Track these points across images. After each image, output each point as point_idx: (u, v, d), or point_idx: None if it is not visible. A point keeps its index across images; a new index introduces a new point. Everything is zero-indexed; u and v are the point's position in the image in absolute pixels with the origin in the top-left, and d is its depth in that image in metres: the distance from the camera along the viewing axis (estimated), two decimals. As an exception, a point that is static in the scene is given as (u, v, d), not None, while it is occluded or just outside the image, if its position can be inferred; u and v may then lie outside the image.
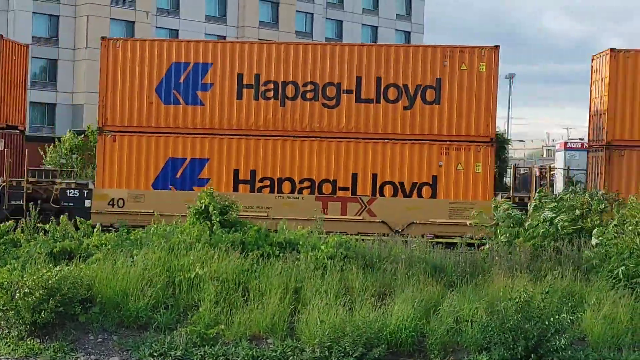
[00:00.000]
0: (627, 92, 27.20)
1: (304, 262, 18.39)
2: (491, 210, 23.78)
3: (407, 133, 27.07)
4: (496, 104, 26.87)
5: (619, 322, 16.98)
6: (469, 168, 26.76)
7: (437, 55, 27.04)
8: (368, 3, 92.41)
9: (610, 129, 27.11)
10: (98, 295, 17.53)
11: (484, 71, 26.89)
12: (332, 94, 27.31)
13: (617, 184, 26.61)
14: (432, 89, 26.98)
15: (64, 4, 73.76)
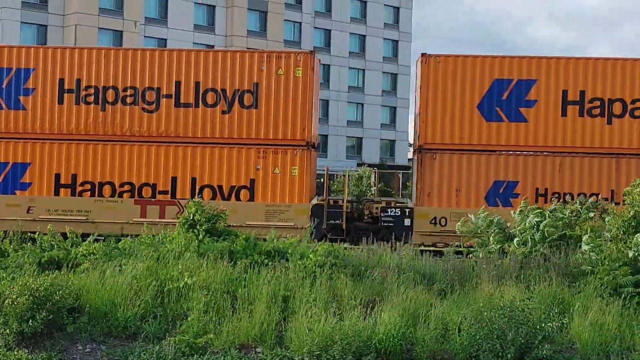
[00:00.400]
0: (438, 97, 27.46)
1: (292, 271, 18.39)
2: (308, 213, 25.09)
3: (226, 137, 27.60)
4: (311, 108, 27.43)
5: (607, 329, 17.02)
6: (286, 171, 27.31)
7: (254, 60, 27.57)
8: (356, 12, 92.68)
9: (422, 132, 27.49)
10: (86, 304, 17.48)
11: (299, 76, 27.36)
12: (151, 99, 27.73)
13: (429, 186, 27.12)
14: (250, 94, 27.52)
15: (52, 13, 73.72)
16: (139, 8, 76.78)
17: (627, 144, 27.04)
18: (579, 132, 27.19)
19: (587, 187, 26.91)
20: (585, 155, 27.15)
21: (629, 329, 17.19)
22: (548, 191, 27.01)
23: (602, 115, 27.12)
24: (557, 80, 27.33)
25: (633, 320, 17.38)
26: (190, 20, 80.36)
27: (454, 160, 27.28)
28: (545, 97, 27.31)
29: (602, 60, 27.48)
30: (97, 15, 74.21)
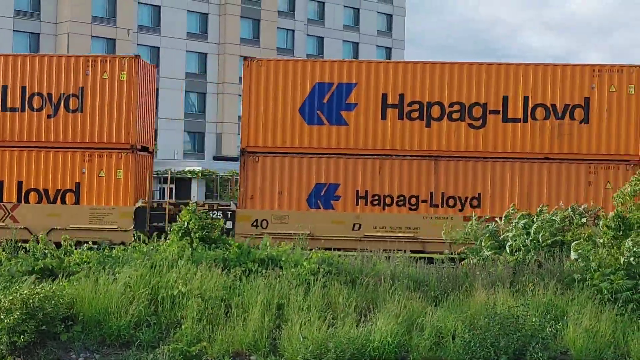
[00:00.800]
0: (261, 100, 27.67)
1: (286, 279, 18.37)
2: (132, 216, 26.01)
3: (52, 141, 27.61)
4: (136, 111, 27.52)
5: (602, 335, 17.03)
6: (111, 174, 27.36)
7: (79, 65, 27.71)
8: (349, 19, 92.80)
9: (244, 136, 27.63)
10: (80, 313, 17.44)
11: (124, 79, 27.49)
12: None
13: (252, 189, 27.25)
14: (75, 97, 27.57)
15: (44, 21, 73.72)
16: (132, 16, 76.80)
17: (445, 146, 27.26)
18: (399, 135, 27.39)
19: (407, 189, 27.12)
20: (404, 158, 27.33)
21: (624, 335, 17.20)
22: (368, 193, 27.16)
23: (421, 118, 27.36)
24: (376, 84, 27.52)
25: (627, 326, 17.39)
26: (183, 28, 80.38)
27: (276, 163, 27.33)
28: (365, 101, 27.48)
29: (420, 63, 27.86)
30: (89, 24, 74.20)
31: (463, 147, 27.16)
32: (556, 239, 20.98)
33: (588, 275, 18.80)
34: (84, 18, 73.82)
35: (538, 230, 21.25)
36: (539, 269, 19.44)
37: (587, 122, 27.04)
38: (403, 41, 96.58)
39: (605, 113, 27.03)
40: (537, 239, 20.98)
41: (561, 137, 27.12)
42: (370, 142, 27.38)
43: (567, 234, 21.37)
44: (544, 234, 21.00)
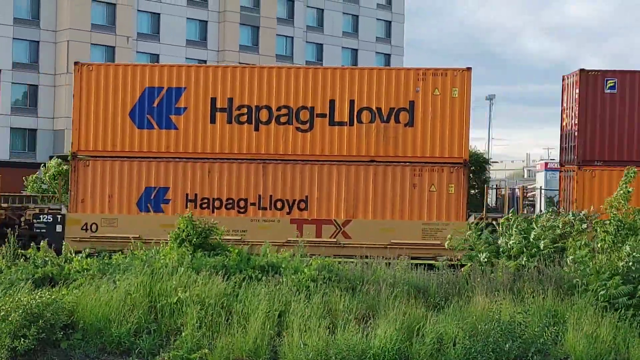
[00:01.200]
0: (91, 105, 27.92)
1: (286, 286, 18.36)
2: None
3: None
4: None
5: (602, 341, 17.02)
6: None
7: None
8: (348, 26, 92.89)
9: (75, 140, 27.87)
10: (80, 320, 17.42)
11: None
12: None
13: (82, 192, 27.52)
14: None
15: (44, 29, 73.79)
16: (131, 24, 76.89)
17: (273, 150, 27.63)
18: (228, 139, 27.73)
19: (236, 192, 27.57)
20: (233, 161, 27.68)
21: (624, 341, 17.18)
22: (198, 197, 27.56)
23: (250, 122, 27.73)
24: (205, 88, 27.86)
25: (628, 332, 17.36)
26: (182, 36, 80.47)
27: (107, 167, 27.57)
28: (194, 105, 27.79)
29: (248, 68, 28.44)
30: (89, 31, 74.26)
31: (291, 151, 27.69)
32: (557, 245, 20.98)
33: (585, 281, 18.80)
34: (84, 26, 73.89)
35: (538, 237, 21.23)
36: (538, 275, 19.43)
37: (412, 125, 27.64)
38: (402, 47, 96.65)
39: (430, 116, 27.61)
40: (537, 245, 20.96)
41: (387, 140, 27.65)
42: (199, 146, 27.83)
43: (568, 240, 21.36)
44: (545, 241, 20.99)
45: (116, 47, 75.46)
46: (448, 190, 27.35)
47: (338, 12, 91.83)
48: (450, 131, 27.52)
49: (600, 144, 27.72)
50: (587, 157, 27.70)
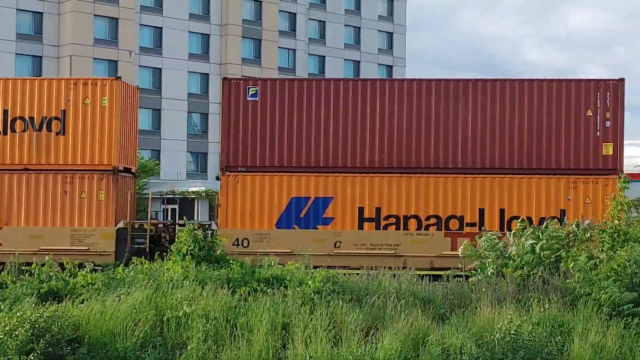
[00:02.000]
0: None
1: (291, 298, 18.35)
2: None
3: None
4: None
5: (608, 351, 16.98)
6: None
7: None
8: (350, 38, 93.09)
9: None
10: (85, 335, 17.43)
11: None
12: None
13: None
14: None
15: (47, 44, 74.03)
16: (134, 38, 77.10)
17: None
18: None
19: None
20: None
21: (630, 350, 17.15)
22: None
23: None
24: None
25: (634, 342, 17.33)
26: (184, 49, 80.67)
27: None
28: None
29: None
30: (91, 46, 74.49)
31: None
32: (559, 254, 20.97)
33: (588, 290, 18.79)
34: (86, 40, 74.13)
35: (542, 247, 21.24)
36: (543, 285, 19.42)
37: (64, 134, 28.22)
38: (404, 59, 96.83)
39: (80, 125, 28.22)
40: (540, 255, 20.97)
41: (39, 148, 28.32)
42: None
43: (572, 250, 21.35)
44: (547, 251, 20.99)
45: (119, 61, 75.66)
46: (98, 197, 28.02)
47: (340, 24, 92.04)
48: (100, 139, 28.19)
49: (243, 150, 28.13)
50: (230, 164, 28.08)
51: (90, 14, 74.55)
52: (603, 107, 27.54)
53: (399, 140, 27.99)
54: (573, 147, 27.66)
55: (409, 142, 28.00)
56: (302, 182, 27.90)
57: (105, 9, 75.20)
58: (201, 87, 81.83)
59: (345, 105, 28.14)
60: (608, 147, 27.45)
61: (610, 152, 27.41)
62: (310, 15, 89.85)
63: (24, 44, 73.05)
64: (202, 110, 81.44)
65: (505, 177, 27.71)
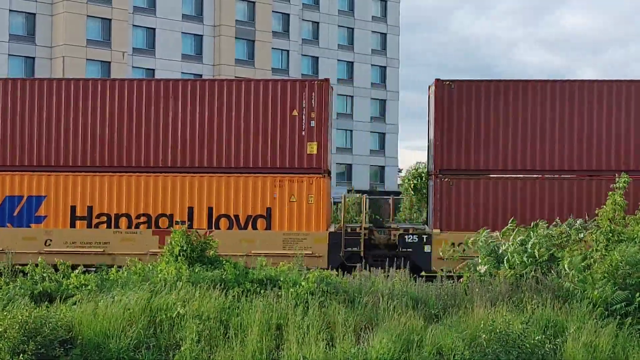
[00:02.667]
0: None
1: (285, 299, 18.35)
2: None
3: None
4: None
5: (601, 351, 17.01)
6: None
7: None
8: (343, 39, 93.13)
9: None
10: (79, 336, 17.40)
11: None
12: None
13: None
14: None
15: (39, 45, 73.92)
16: (127, 39, 77.03)
17: None
18: None
19: None
20: None
21: (623, 350, 17.18)
22: None
23: None
24: None
25: (627, 341, 17.37)
26: (178, 50, 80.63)
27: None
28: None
29: None
30: (84, 47, 74.39)
31: None
32: (552, 252, 21.00)
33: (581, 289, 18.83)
34: (79, 41, 74.03)
35: (535, 246, 21.27)
36: (536, 285, 19.44)
37: None
38: (397, 59, 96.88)
39: None
40: (533, 254, 21.00)
41: None
42: None
43: (565, 250, 21.37)
44: (540, 250, 21.02)
45: (112, 62, 75.58)
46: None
47: (333, 25, 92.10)
48: None
49: None
50: None
51: (83, 15, 74.46)
52: (309, 107, 27.99)
53: (110, 139, 28.52)
54: (279, 146, 28.19)
55: (120, 142, 28.53)
56: (16, 180, 28.45)
57: (98, 10, 75.12)
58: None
59: (59, 104, 28.74)
60: (312, 147, 27.96)
61: (314, 151, 27.92)
62: (303, 16, 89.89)
63: (16, 45, 72.93)
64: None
65: (214, 176, 28.30)
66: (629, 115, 28.00)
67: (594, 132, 27.98)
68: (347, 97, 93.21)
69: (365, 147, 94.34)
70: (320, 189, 27.79)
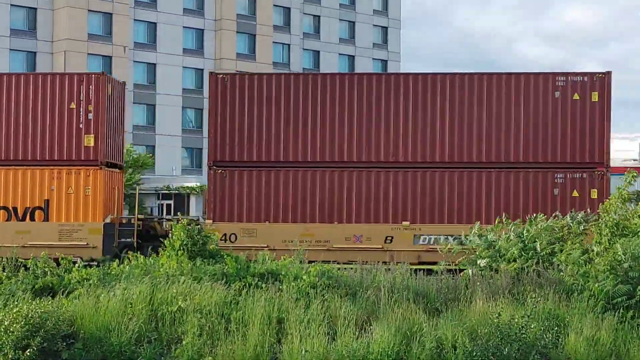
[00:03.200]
0: None
1: (286, 292, 18.36)
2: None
3: None
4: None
5: (603, 344, 17.03)
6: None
7: None
8: (344, 33, 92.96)
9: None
10: (81, 330, 17.43)
11: None
12: None
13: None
14: None
15: (41, 40, 73.86)
16: (128, 33, 76.95)
17: None
18: None
19: None
20: None
21: (624, 343, 17.20)
22: None
23: None
24: None
25: (628, 334, 17.38)
26: (179, 44, 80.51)
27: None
28: None
29: None
30: (85, 41, 74.32)
31: None
32: (554, 247, 21.00)
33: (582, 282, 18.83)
34: (80, 36, 73.96)
35: (534, 239, 21.26)
36: (538, 278, 19.44)
37: None
38: (399, 53, 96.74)
39: None
40: (534, 247, 20.99)
41: None
42: None
43: (567, 243, 21.38)
44: (542, 243, 21.02)
45: (113, 56, 75.51)
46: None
47: (334, 18, 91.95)
48: None
49: None
50: None
51: (84, 9, 74.39)
52: (86, 100, 28.17)
53: None
54: (57, 138, 28.31)
55: None
56: None
57: (99, 4, 75.03)
58: (196, 82, 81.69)
59: None
60: (89, 139, 28.15)
61: (91, 144, 28.14)
62: (304, 10, 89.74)
63: (18, 39, 72.88)
64: (197, 106, 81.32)
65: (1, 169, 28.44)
66: None
67: None
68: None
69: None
70: (97, 181, 28.03)
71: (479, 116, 27.57)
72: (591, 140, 27.30)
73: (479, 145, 27.51)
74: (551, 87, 27.48)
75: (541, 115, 27.45)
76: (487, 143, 27.51)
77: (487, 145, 27.49)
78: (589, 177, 27.11)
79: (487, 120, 27.51)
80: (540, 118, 27.46)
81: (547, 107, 27.45)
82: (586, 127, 27.33)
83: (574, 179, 27.16)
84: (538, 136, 27.45)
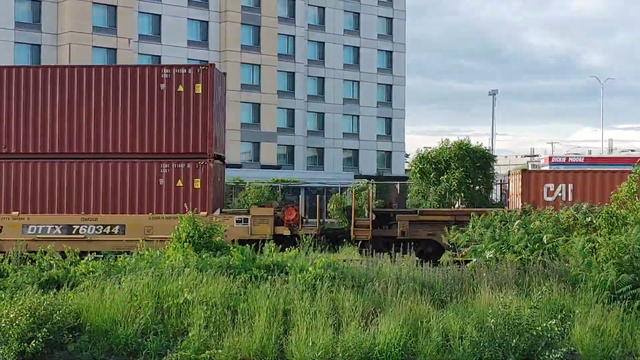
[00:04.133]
0: None
1: (292, 284, 18.36)
2: None
3: None
4: None
5: (609, 334, 17.02)
6: None
7: None
8: (349, 24, 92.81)
9: None
10: (87, 323, 17.45)
11: None
12: None
13: None
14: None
15: (45, 32, 73.84)
16: (132, 25, 76.91)
17: None
18: None
19: None
20: None
21: (631, 334, 17.20)
22: None
23: None
24: None
25: (634, 325, 17.38)
26: (183, 36, 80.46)
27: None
28: None
29: None
30: (90, 34, 74.30)
31: None
32: (560, 238, 20.98)
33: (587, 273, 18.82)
34: (85, 28, 73.94)
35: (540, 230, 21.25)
36: (544, 269, 19.43)
37: None
38: (404, 44, 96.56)
39: None
40: (539, 238, 20.98)
41: None
42: None
43: (573, 234, 21.36)
44: (548, 235, 21.00)
45: (118, 49, 75.50)
46: None
47: (339, 9, 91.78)
48: None
49: None
50: None
51: (89, 2, 74.37)
52: None
53: None
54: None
55: None
56: None
57: (103, -3, 75.08)
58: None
59: None
60: None
61: None
62: (309, 1, 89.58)
63: (22, 32, 72.87)
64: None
65: None
66: None
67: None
68: (354, 82, 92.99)
69: (372, 132, 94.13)
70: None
71: (88, 108, 28.24)
72: (195, 131, 28.01)
73: (88, 136, 28.26)
74: (157, 79, 28.07)
75: (147, 108, 28.13)
76: (96, 134, 28.25)
77: (95, 136, 28.24)
78: (192, 167, 27.83)
79: (96, 112, 28.22)
80: (146, 110, 28.11)
81: (152, 99, 28.13)
82: (190, 119, 28.02)
83: (178, 169, 27.94)
84: (144, 128, 28.13)
